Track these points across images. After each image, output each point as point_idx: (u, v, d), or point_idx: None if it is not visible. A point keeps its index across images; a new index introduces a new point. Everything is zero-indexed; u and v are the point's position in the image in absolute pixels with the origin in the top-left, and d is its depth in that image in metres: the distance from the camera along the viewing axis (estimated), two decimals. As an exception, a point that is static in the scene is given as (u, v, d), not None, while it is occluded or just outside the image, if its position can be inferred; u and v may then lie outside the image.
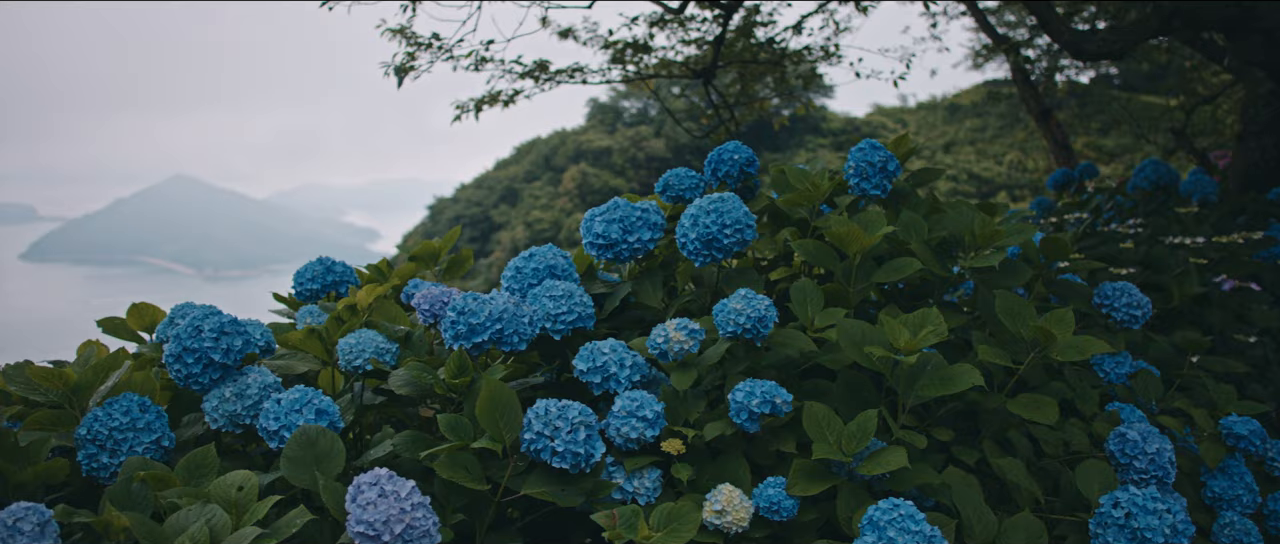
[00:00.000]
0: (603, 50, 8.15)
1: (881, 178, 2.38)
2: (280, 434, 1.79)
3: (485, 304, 2.00)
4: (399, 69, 7.18)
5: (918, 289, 2.48)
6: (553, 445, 1.75)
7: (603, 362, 1.95)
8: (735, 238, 2.14)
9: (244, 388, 1.89)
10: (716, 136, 8.83)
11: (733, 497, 1.74)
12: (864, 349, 1.90)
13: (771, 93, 9.63)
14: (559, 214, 38.40)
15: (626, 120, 44.14)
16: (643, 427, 1.83)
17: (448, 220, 44.21)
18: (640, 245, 2.25)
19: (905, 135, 2.55)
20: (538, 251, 2.28)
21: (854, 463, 1.81)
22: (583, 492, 1.78)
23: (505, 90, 7.55)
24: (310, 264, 2.63)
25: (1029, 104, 8.46)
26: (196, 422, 2.03)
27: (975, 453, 2.04)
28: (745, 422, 1.85)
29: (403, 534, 1.51)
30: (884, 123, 39.35)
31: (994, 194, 31.59)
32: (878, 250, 2.31)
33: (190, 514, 1.55)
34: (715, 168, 2.52)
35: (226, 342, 1.92)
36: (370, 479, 1.55)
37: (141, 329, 2.32)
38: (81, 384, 1.86)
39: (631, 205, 2.29)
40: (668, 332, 1.95)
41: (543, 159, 43.97)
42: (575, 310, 2.10)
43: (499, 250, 37.82)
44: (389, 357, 2.04)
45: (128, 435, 1.80)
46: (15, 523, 1.48)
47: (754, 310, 1.95)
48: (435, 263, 2.71)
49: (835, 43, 8.35)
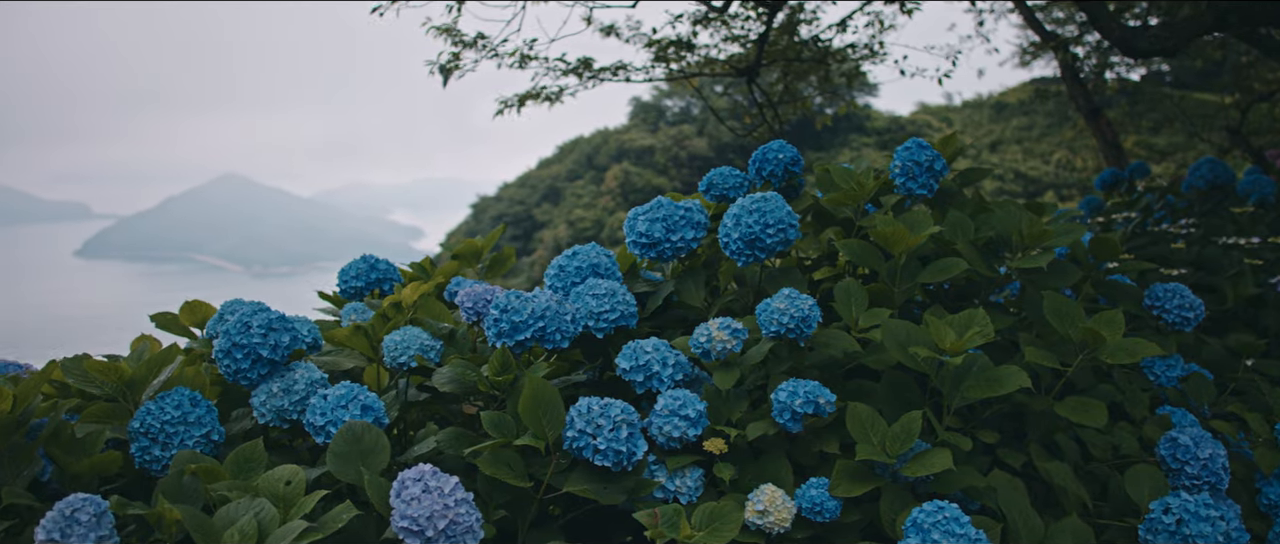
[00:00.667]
0: (645, 48, 8.15)
1: (928, 177, 2.36)
2: (326, 430, 1.81)
3: (528, 302, 2.01)
4: (444, 68, 7.24)
5: (963, 290, 2.45)
6: (595, 443, 1.76)
7: (645, 360, 1.95)
8: (778, 237, 2.13)
9: (291, 384, 1.92)
10: (759, 135, 8.79)
11: (775, 497, 1.73)
12: (909, 350, 1.88)
13: (815, 91, 9.57)
14: (601, 213, 38.48)
15: (669, 119, 44.12)
16: (685, 425, 1.83)
17: (491, 219, 44.48)
18: (683, 244, 2.25)
19: (952, 134, 2.52)
20: (581, 250, 2.28)
21: (898, 464, 1.79)
22: (624, 490, 1.78)
23: (549, 87, 7.58)
24: (354, 262, 2.66)
25: (1078, 102, 8.33)
26: (245, 416, 2.06)
27: (1021, 456, 2.01)
28: (788, 422, 1.85)
29: (446, 530, 1.52)
30: (929, 121, 38.94)
31: (1041, 194, 31.14)
32: (923, 250, 2.28)
33: (239, 508, 1.58)
34: (759, 167, 2.51)
35: (274, 338, 1.94)
36: (414, 475, 1.56)
37: (193, 325, 2.36)
38: (135, 378, 1.90)
39: (675, 204, 2.28)
40: (711, 331, 1.95)
41: (585, 158, 44.08)
42: (618, 309, 2.11)
43: (541, 249, 37.99)
44: (433, 354, 2.06)
45: (179, 429, 1.83)
46: (73, 513, 1.51)
47: (798, 310, 1.94)
48: (478, 261, 2.73)
49: (880, 41, 8.28)
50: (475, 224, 46.16)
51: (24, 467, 1.76)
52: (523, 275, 32.89)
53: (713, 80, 10.61)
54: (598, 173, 42.11)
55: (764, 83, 8.78)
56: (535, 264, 35.48)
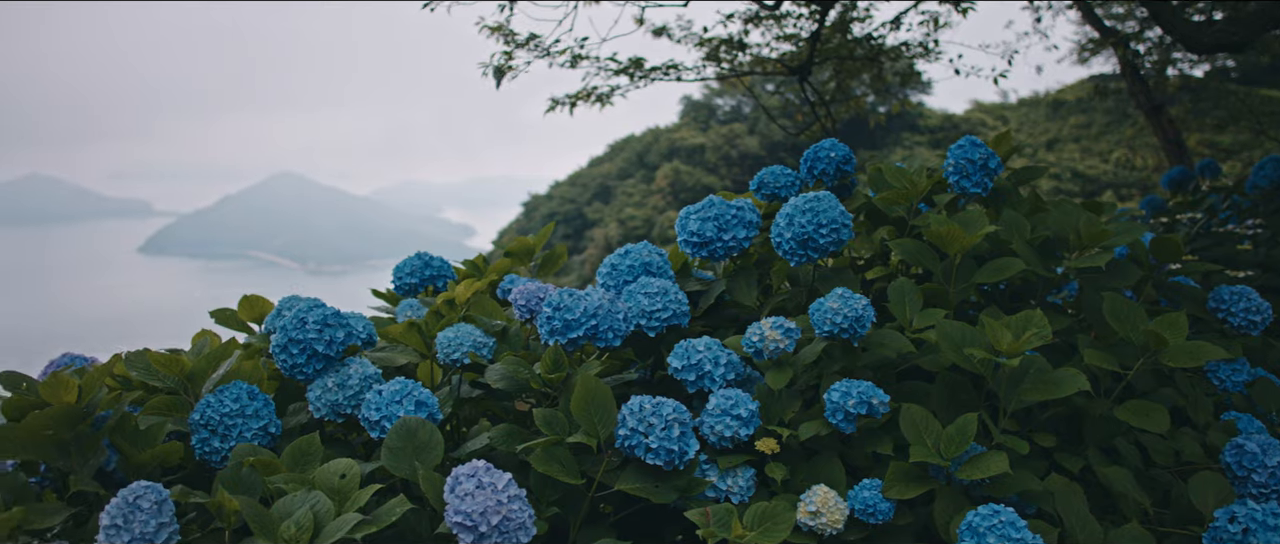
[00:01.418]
0: (697, 48, 8.14)
1: (982, 176, 2.33)
2: (381, 424, 1.83)
3: (581, 300, 2.02)
4: (498, 70, 7.30)
5: (1019, 290, 2.42)
6: (647, 442, 1.76)
7: (697, 359, 1.94)
8: (831, 237, 2.12)
9: (346, 379, 1.95)
10: (811, 134, 8.74)
11: (828, 498, 1.72)
12: (964, 351, 1.85)
13: (867, 90, 9.49)
14: (652, 211, 38.49)
15: (720, 118, 44.01)
16: (737, 425, 1.83)
17: (542, 217, 44.73)
18: (735, 243, 2.24)
19: (1007, 132, 2.48)
20: (633, 249, 2.28)
21: (953, 467, 1.77)
22: (676, 489, 1.78)
23: (601, 87, 7.61)
24: (408, 259, 2.69)
25: (1138, 99, 8.16)
26: (301, 410, 2.09)
27: (1079, 460, 1.98)
28: (841, 422, 1.83)
29: (499, 526, 1.53)
30: (983, 120, 38.40)
31: (1099, 193, 30.56)
32: (978, 250, 2.25)
33: (296, 500, 1.60)
34: (811, 166, 2.49)
35: (330, 333, 1.97)
36: (468, 471, 1.58)
37: (251, 320, 2.41)
38: (196, 372, 1.94)
39: (727, 203, 2.28)
40: (763, 330, 1.94)
41: (636, 156, 44.13)
42: (670, 307, 2.10)
43: (592, 247, 38.10)
44: (486, 351, 2.08)
45: (237, 422, 1.87)
46: (135, 500, 1.55)
47: (851, 310, 1.93)
48: (530, 259, 2.75)
49: (934, 39, 8.18)
50: (527, 222, 46.46)
51: (90, 456, 1.81)
52: (573, 274, 33.04)
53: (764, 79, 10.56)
54: (648, 171, 42.13)
55: (816, 81, 8.72)
56: (586, 262, 35.62)
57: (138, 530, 1.54)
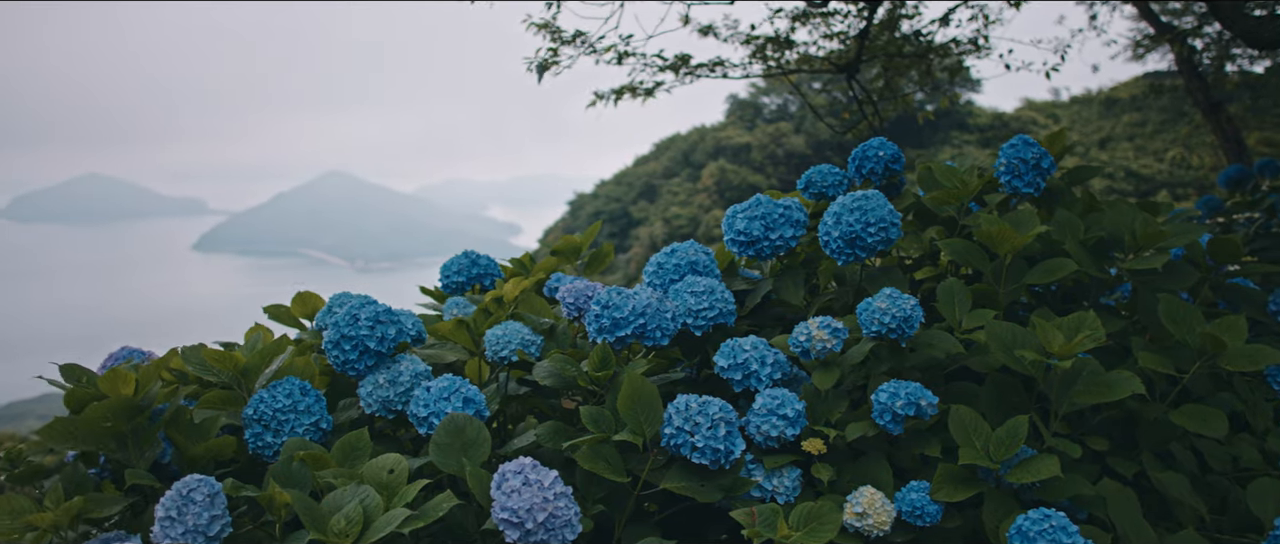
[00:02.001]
0: (743, 45, 8.11)
1: (1034, 175, 2.29)
2: (429, 421, 1.85)
3: (628, 299, 2.02)
4: (541, 65, 7.33)
5: (1071, 292, 2.38)
6: (693, 441, 1.76)
7: (744, 358, 1.94)
8: (879, 236, 2.10)
9: (396, 375, 1.97)
10: (858, 132, 8.67)
11: (874, 499, 1.71)
12: (1015, 352, 1.83)
13: (915, 87, 9.38)
14: (697, 210, 38.43)
15: (766, 116, 43.80)
16: (783, 425, 1.82)
17: (587, 215, 44.84)
18: (782, 242, 2.23)
19: (1061, 130, 2.44)
20: (680, 247, 2.28)
21: (1002, 470, 1.75)
22: (721, 488, 1.78)
23: (646, 82, 7.61)
24: (456, 257, 2.71)
25: (1196, 97, 7.99)
26: (351, 406, 2.12)
27: (1133, 465, 1.94)
28: (888, 423, 1.82)
29: (545, 522, 1.54)
30: (1034, 118, 37.81)
31: (1154, 193, 29.95)
32: (1030, 250, 2.22)
33: (345, 494, 1.63)
34: (859, 164, 2.47)
35: (381, 330, 2.00)
36: (515, 468, 1.59)
37: (303, 316, 2.44)
38: (249, 367, 1.97)
39: (774, 202, 2.27)
40: (810, 330, 1.93)
41: (682, 155, 44.07)
42: (717, 306, 2.10)
43: (638, 246, 38.13)
44: (533, 349, 2.09)
45: (289, 417, 1.90)
46: (189, 492, 1.59)
47: (899, 310, 1.91)
48: (577, 257, 2.76)
49: (984, 35, 8.07)
50: (572, 220, 46.61)
51: (147, 449, 1.85)
52: (619, 272, 33.09)
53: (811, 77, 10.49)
54: (694, 170, 42.07)
55: (863, 79, 8.65)
56: (631, 261, 35.66)
57: (191, 522, 1.57)
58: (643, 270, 2.32)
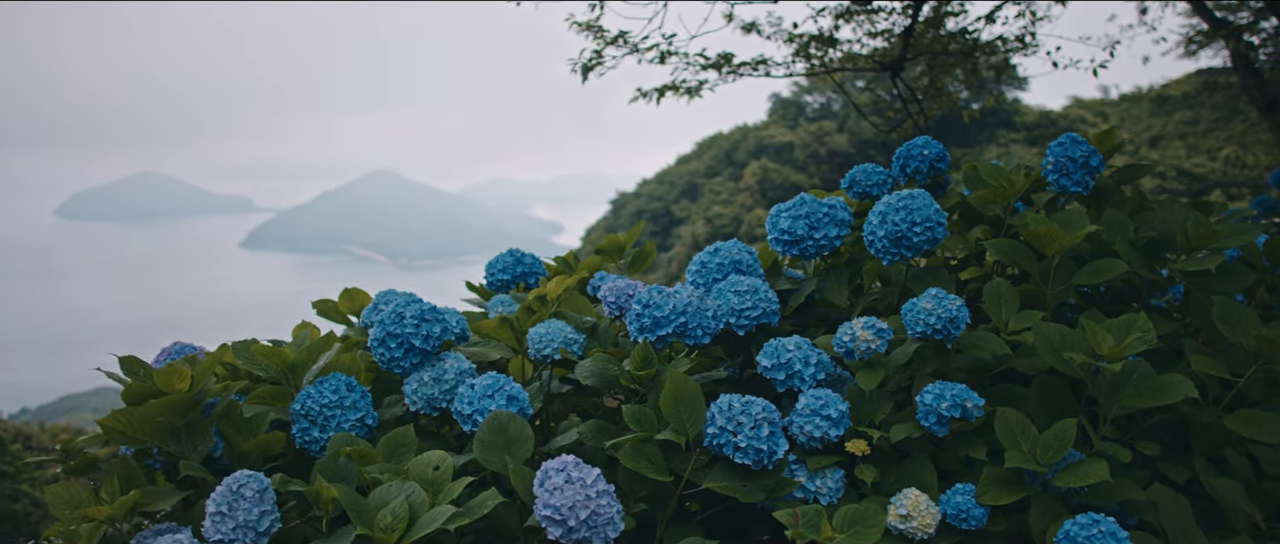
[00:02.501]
0: (786, 44, 8.07)
1: (1083, 174, 2.26)
2: (474, 418, 1.87)
3: (670, 298, 2.03)
4: (586, 67, 7.37)
5: (1121, 293, 2.34)
6: (735, 440, 1.75)
7: (787, 358, 1.93)
8: (925, 236, 2.08)
9: (441, 373, 1.99)
10: (903, 131, 8.60)
11: (919, 501, 1.70)
12: (1063, 354, 1.81)
13: (961, 85, 9.28)
14: (739, 210, 38.32)
15: (809, 115, 43.58)
16: (827, 426, 1.81)
17: (630, 214, 44.90)
18: (826, 242, 2.22)
19: (1111, 129, 2.41)
20: (723, 247, 2.28)
21: (1050, 474, 1.73)
22: (764, 488, 1.77)
23: (689, 80, 7.61)
24: (501, 256, 2.73)
25: (1251, 94, 7.82)
26: (396, 403, 2.15)
27: (1185, 471, 1.91)
28: (934, 425, 1.80)
29: (588, 520, 1.55)
30: (1083, 116, 37.22)
31: (1207, 192, 29.35)
32: (1078, 251, 2.19)
33: (391, 490, 1.65)
34: (904, 163, 2.45)
35: (426, 328, 2.02)
36: (557, 465, 1.60)
37: (349, 313, 2.47)
38: (297, 363, 2.00)
39: (818, 201, 2.26)
40: (855, 330, 1.92)
41: (724, 154, 43.98)
42: (760, 306, 2.10)
43: (679, 245, 38.11)
44: (576, 347, 2.10)
45: (336, 413, 1.92)
46: (239, 488, 1.61)
47: (945, 310, 1.89)
48: (620, 256, 2.76)
49: (1031, 32, 7.96)
50: (614, 219, 46.70)
51: (199, 443, 1.88)
52: (660, 271, 33.09)
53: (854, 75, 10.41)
54: (736, 169, 41.96)
55: (907, 77, 8.57)
56: (673, 260, 35.65)
57: (241, 518, 1.60)
58: (686, 269, 2.32)
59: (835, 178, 36.16)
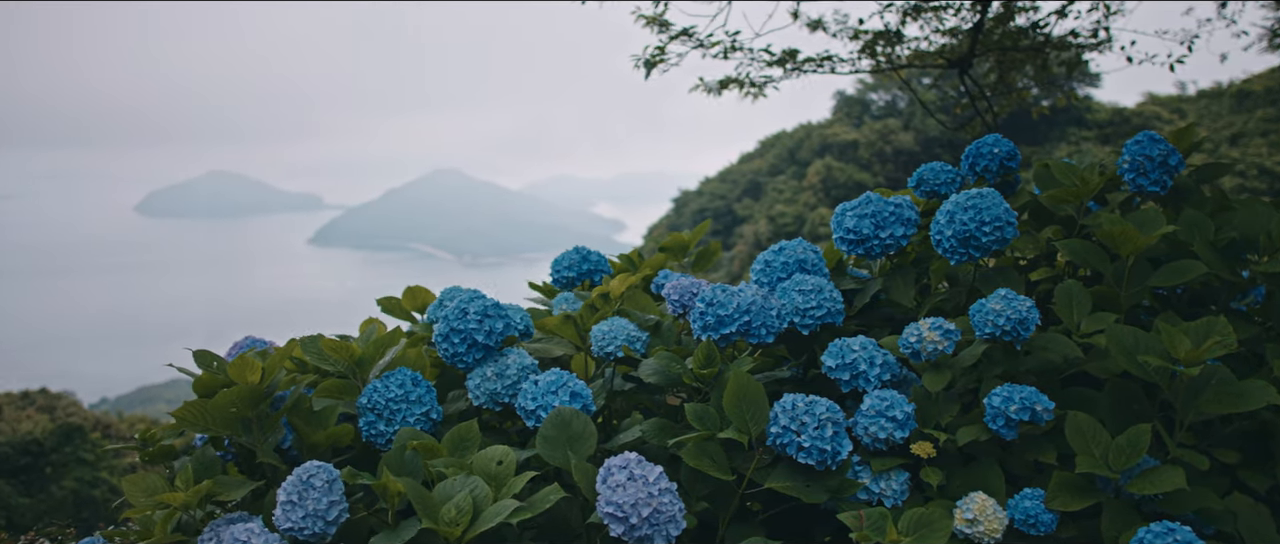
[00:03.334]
0: (852, 41, 7.99)
1: (1161, 173, 2.20)
2: (537, 414, 1.88)
3: (734, 296, 2.02)
4: (649, 62, 7.38)
5: (1199, 295, 2.27)
6: (799, 440, 1.74)
7: (852, 359, 1.91)
8: (994, 236, 2.04)
9: (504, 368, 2.01)
10: (971, 129, 8.46)
11: (986, 506, 1.67)
12: (1138, 358, 1.76)
13: (1031, 82, 9.09)
14: (803, 208, 38.04)
15: (874, 113, 43.09)
16: (892, 427, 1.79)
17: (692, 213, 44.85)
18: (892, 241, 2.19)
19: (1189, 126, 2.34)
20: (787, 245, 2.27)
21: (1123, 480, 1.68)
22: (827, 489, 1.76)
23: (754, 76, 7.58)
24: (567, 253, 2.74)
25: (1338, 90, 7.53)
26: (460, 398, 2.17)
27: (1267, 480, 1.84)
28: (1002, 428, 1.77)
29: (650, 518, 1.55)
30: (1158, 113, 36.22)
31: (1290, 192, 28.38)
32: (1154, 252, 2.14)
33: (455, 484, 1.67)
34: (973, 162, 2.41)
35: (490, 324, 2.04)
36: (620, 462, 1.60)
37: (414, 309, 2.51)
38: (364, 358, 2.04)
39: (884, 200, 2.23)
40: (921, 331, 1.89)
41: (787, 152, 43.70)
42: (824, 305, 2.08)
43: (742, 244, 37.96)
44: (639, 345, 2.10)
45: (401, 407, 1.95)
46: (309, 478, 1.65)
47: (1015, 312, 1.85)
48: (684, 255, 2.76)
49: (1104, 27, 7.76)
50: (677, 218, 46.68)
51: (270, 434, 1.92)
52: (722, 270, 32.99)
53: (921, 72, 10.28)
54: (800, 168, 41.67)
55: (975, 74, 8.43)
56: (735, 259, 35.53)
57: (311, 507, 1.63)
58: (749, 268, 2.31)
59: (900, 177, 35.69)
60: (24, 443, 18.26)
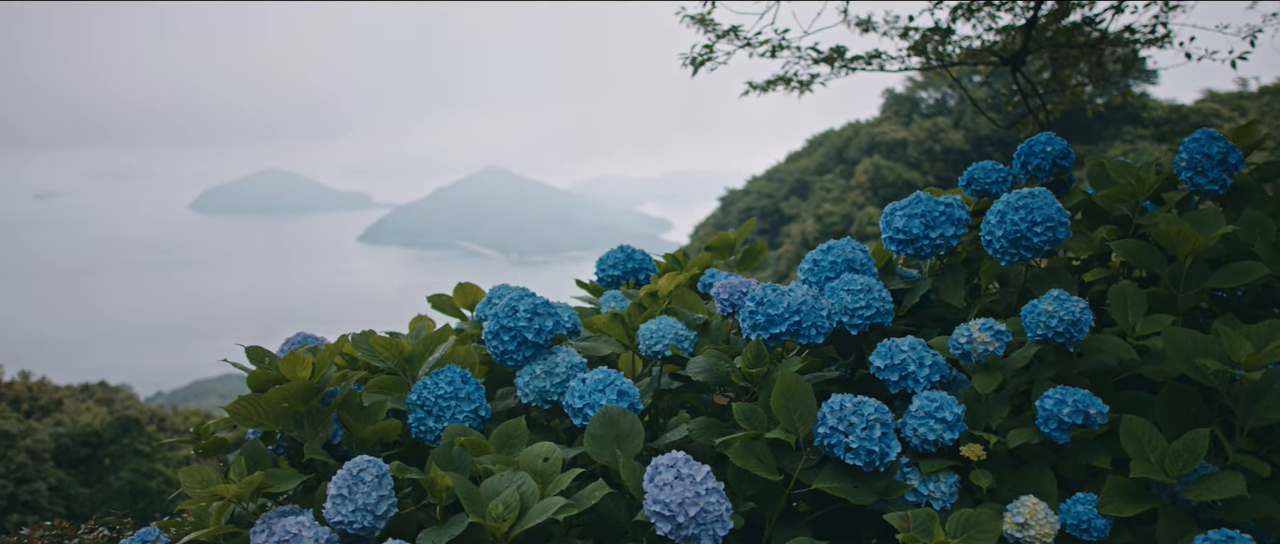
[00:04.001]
0: (901, 38, 7.90)
1: (1220, 171, 2.15)
2: (584, 412, 1.89)
3: (784, 296, 2.01)
4: (695, 61, 7.37)
5: (1260, 297, 2.22)
6: (847, 441, 1.73)
7: (901, 359, 1.90)
8: (1046, 236, 2.01)
9: (553, 366, 2.02)
10: (1023, 127, 8.32)
11: (1037, 510, 1.64)
12: (1196, 361, 1.73)
13: (1084, 79, 8.92)
14: (850, 208, 37.73)
15: (923, 111, 42.61)
16: (941, 429, 1.77)
17: (738, 212, 44.69)
18: (942, 241, 2.17)
19: (1251, 123, 2.29)
20: (836, 245, 2.25)
21: (1179, 486, 1.65)
22: (875, 490, 1.75)
23: (800, 73, 7.53)
24: (612, 251, 2.75)
25: (1407, 87, 7.31)
26: (508, 395, 2.19)
27: (1330, 486, 1.80)
28: (1054, 431, 1.74)
29: (696, 517, 1.55)
30: (1217, 110, 35.36)
31: (1355, 191, 27.53)
32: (1213, 253, 2.09)
33: (503, 480, 1.68)
34: (1025, 160, 2.38)
35: (539, 322, 2.05)
36: (667, 461, 1.60)
37: (464, 307, 2.53)
38: (414, 354, 2.06)
39: (934, 199, 2.21)
40: (971, 331, 1.87)
41: (835, 151, 43.39)
42: (873, 305, 2.06)
43: (788, 243, 37.75)
44: (687, 343, 2.10)
45: (450, 403, 1.97)
46: (359, 472, 1.67)
47: (1068, 313, 1.83)
48: (731, 253, 2.76)
49: (1163, 22, 7.59)
50: (723, 217, 46.55)
51: (320, 429, 1.95)
52: (769, 270, 32.82)
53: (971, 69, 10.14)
54: (847, 167, 41.34)
55: (1028, 70, 8.29)
56: (782, 258, 35.33)
57: (360, 500, 1.65)
58: (797, 267, 2.30)
59: (950, 176, 35.24)
60: (84, 434, 18.72)
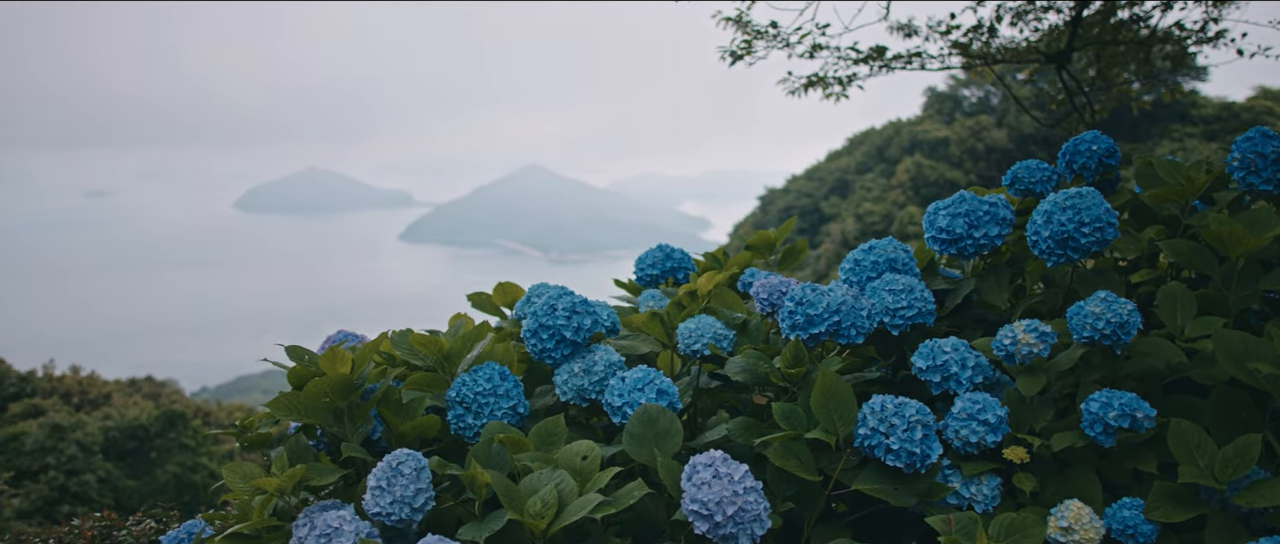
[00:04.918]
0: (943, 36, 7.82)
1: (1274, 171, 2.11)
2: (623, 410, 1.89)
3: (824, 296, 2.00)
4: (734, 53, 7.36)
5: (1315, 300, 2.17)
6: (887, 443, 1.71)
7: (943, 360, 1.88)
8: (1094, 236, 1.98)
9: (591, 365, 2.02)
10: (1068, 125, 8.20)
11: (1081, 514, 1.62)
12: (1247, 365, 1.69)
13: (1132, 76, 8.77)
14: (891, 207, 37.42)
15: (965, 110, 42.15)
16: (984, 431, 1.75)
17: (778, 211, 44.50)
18: (986, 241, 2.14)
19: (1305, 123, 2.23)
20: (878, 244, 2.23)
21: (1229, 491, 1.62)
22: (916, 492, 1.73)
23: (840, 74, 7.49)
24: (651, 251, 2.75)
25: None
26: (547, 393, 2.19)
27: (1387, 493, 1.75)
28: (1099, 434, 1.71)
29: (734, 516, 1.55)
30: (1270, 108, 34.61)
31: None
32: (1266, 254, 2.05)
33: (541, 477, 1.69)
34: (1071, 159, 2.34)
35: (577, 320, 2.05)
36: (706, 460, 1.60)
37: (503, 305, 2.54)
38: (453, 352, 2.07)
39: (978, 199, 2.18)
40: (1016, 333, 1.84)
41: (876, 150, 43.06)
42: (915, 305, 2.04)
43: (828, 242, 37.52)
44: (726, 343, 2.09)
45: (489, 401, 1.98)
46: (398, 465, 1.69)
47: (1115, 315, 1.79)
48: (770, 253, 2.74)
49: (1214, 19, 7.45)
50: (762, 216, 46.38)
51: (360, 424, 1.97)
52: (808, 269, 32.65)
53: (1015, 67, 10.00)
54: (888, 166, 41.01)
55: (1073, 68, 8.17)
56: (821, 258, 35.13)
57: (399, 493, 1.67)
58: (838, 267, 2.28)
59: (993, 175, 34.82)
60: (131, 428, 19.06)
